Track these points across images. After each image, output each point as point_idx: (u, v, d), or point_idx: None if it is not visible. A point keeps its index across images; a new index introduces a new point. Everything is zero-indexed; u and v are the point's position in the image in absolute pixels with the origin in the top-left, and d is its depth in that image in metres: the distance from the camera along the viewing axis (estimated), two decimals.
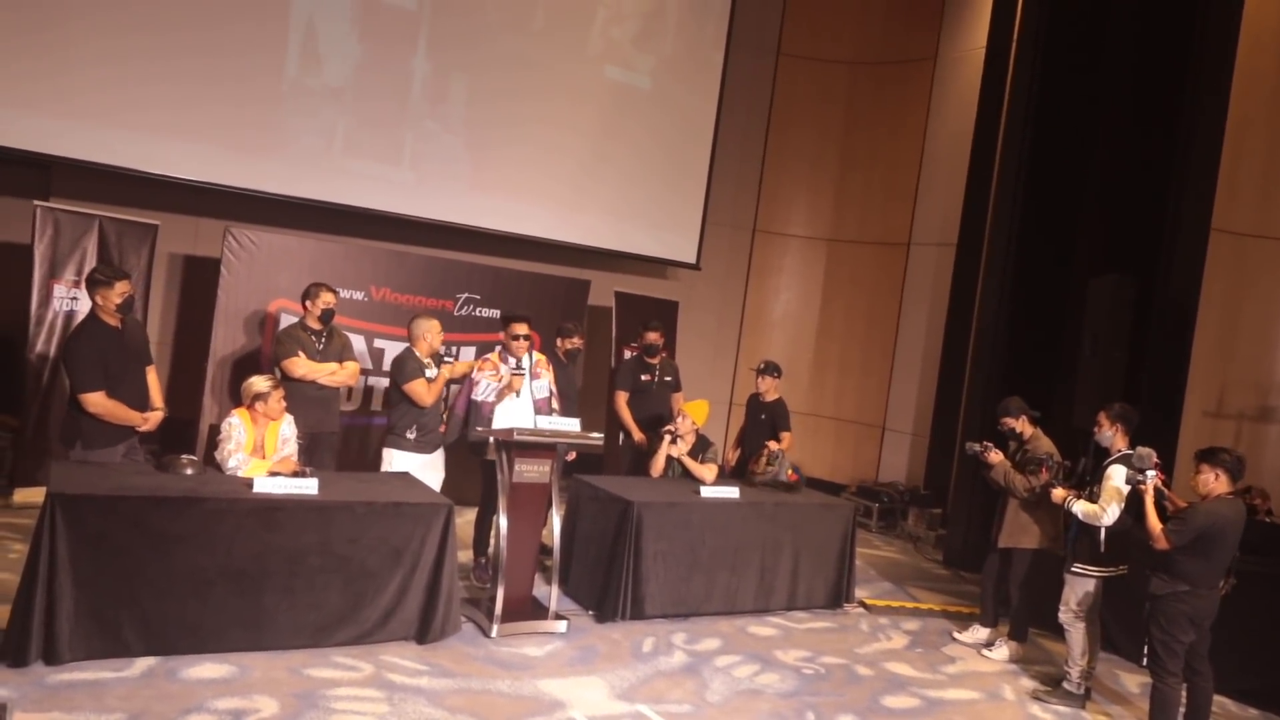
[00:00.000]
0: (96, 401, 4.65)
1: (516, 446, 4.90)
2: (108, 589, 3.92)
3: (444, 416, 5.72)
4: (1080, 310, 6.97)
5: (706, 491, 5.72)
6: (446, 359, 5.74)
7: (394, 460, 5.46)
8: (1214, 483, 4.36)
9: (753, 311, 10.39)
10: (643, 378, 6.81)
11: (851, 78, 10.10)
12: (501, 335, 5.74)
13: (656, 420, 6.64)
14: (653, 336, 6.87)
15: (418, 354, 5.51)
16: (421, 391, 5.41)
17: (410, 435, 5.45)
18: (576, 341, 6.55)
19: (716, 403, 7.44)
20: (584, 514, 5.68)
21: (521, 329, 5.60)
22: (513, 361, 5.59)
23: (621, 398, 6.74)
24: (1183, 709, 4.49)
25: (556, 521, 5.15)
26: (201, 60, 6.80)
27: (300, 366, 5.32)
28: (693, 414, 6.13)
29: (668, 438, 6.11)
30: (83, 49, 6.41)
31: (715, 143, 9.44)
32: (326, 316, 5.53)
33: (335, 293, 5.62)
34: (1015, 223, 7.71)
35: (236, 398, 4.89)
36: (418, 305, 6.97)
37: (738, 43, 9.55)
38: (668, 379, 6.93)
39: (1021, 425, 5.58)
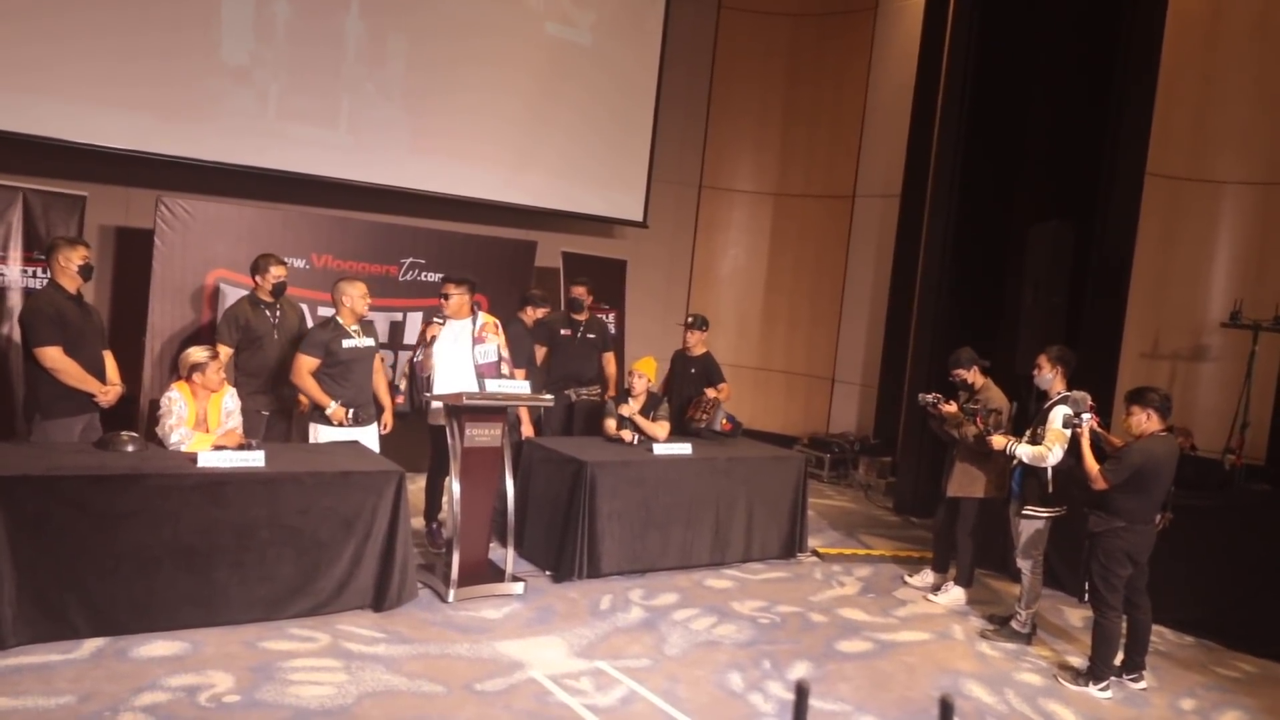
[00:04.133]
0: (53, 356, 4.58)
1: (466, 411, 4.87)
2: (51, 571, 3.84)
3: (401, 389, 5.62)
4: (1021, 257, 7.09)
5: (659, 449, 5.76)
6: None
7: (320, 436, 5.19)
8: (1146, 422, 4.50)
9: (701, 267, 10.39)
10: (563, 332, 6.73)
11: (793, 30, 10.04)
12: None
13: (572, 378, 6.63)
14: (577, 291, 6.85)
15: (339, 321, 5.16)
16: (299, 367, 5.04)
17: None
18: (547, 310, 6.48)
19: (666, 359, 7.45)
20: (537, 476, 5.68)
21: (448, 288, 5.44)
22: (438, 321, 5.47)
23: (538, 352, 6.64)
24: (1123, 640, 4.67)
25: (510, 484, 5.14)
26: (129, 29, 6.52)
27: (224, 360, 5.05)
28: (644, 371, 6.14)
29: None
30: (3, 24, 6.11)
31: (658, 99, 9.35)
32: (278, 290, 5.42)
33: (285, 264, 5.50)
34: (957, 173, 7.79)
35: (177, 372, 4.78)
36: (361, 272, 6.84)
37: None
38: (591, 336, 6.85)
39: (973, 376, 5.66)
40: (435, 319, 5.43)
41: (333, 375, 5.16)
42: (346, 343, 5.15)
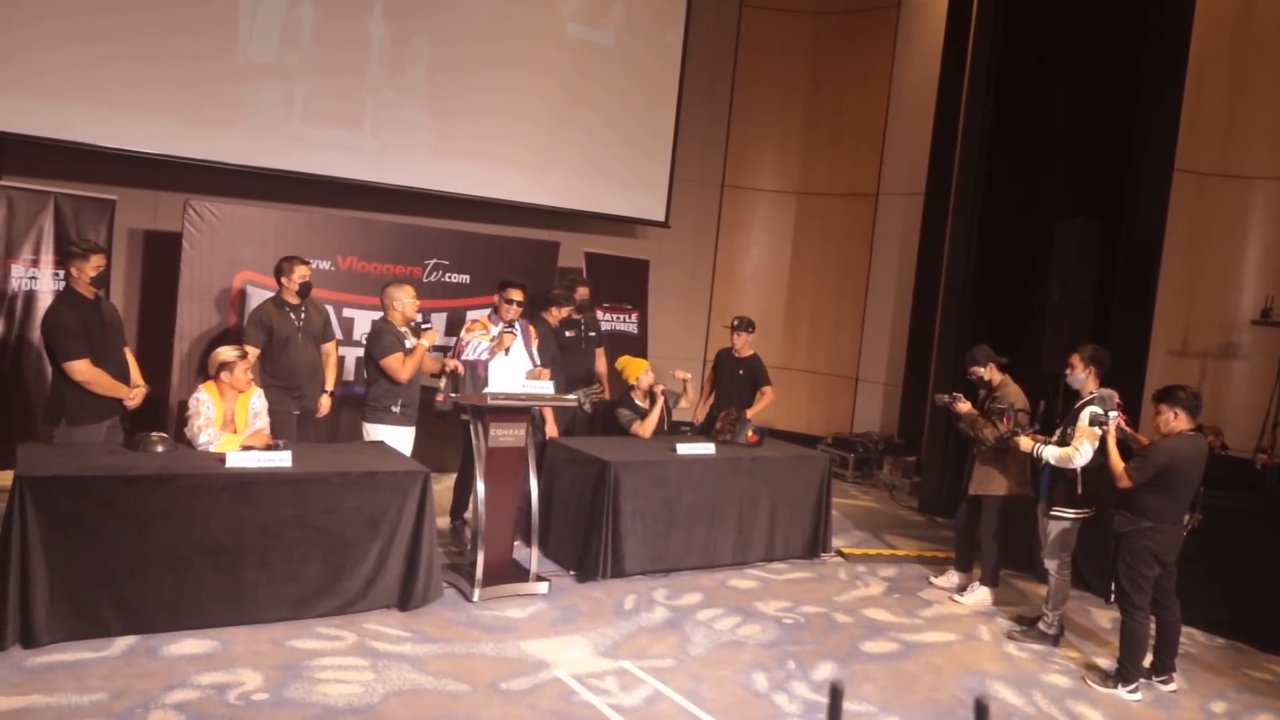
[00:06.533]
0: (82, 369, 4.58)
1: (491, 411, 4.89)
2: (83, 570, 3.90)
3: (443, 385, 5.67)
4: (1047, 254, 7.02)
5: (682, 448, 5.76)
6: (425, 325, 5.49)
7: (378, 435, 5.32)
8: (1174, 421, 4.45)
9: (724, 267, 10.38)
10: (569, 334, 6.61)
11: (816, 28, 10.00)
12: (495, 298, 5.72)
13: (579, 380, 6.59)
14: (583, 291, 6.78)
15: (393, 324, 5.37)
16: (397, 366, 5.23)
17: (395, 409, 5.30)
18: (570, 310, 6.36)
19: (690, 358, 7.44)
20: (561, 476, 5.70)
21: (518, 294, 5.56)
22: (503, 322, 5.57)
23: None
24: (1152, 641, 4.61)
25: (534, 484, 5.16)
26: (155, 34, 6.62)
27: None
28: (638, 369, 6.26)
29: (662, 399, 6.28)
30: (33, 30, 6.21)
31: (681, 98, 9.34)
32: (304, 290, 5.45)
33: (309, 265, 5.54)
34: (982, 169, 7.72)
35: (205, 373, 4.83)
36: (386, 273, 6.90)
37: None
38: (592, 334, 6.80)
39: (990, 373, 5.62)
40: (506, 329, 5.56)
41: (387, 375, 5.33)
42: (407, 344, 5.33)
